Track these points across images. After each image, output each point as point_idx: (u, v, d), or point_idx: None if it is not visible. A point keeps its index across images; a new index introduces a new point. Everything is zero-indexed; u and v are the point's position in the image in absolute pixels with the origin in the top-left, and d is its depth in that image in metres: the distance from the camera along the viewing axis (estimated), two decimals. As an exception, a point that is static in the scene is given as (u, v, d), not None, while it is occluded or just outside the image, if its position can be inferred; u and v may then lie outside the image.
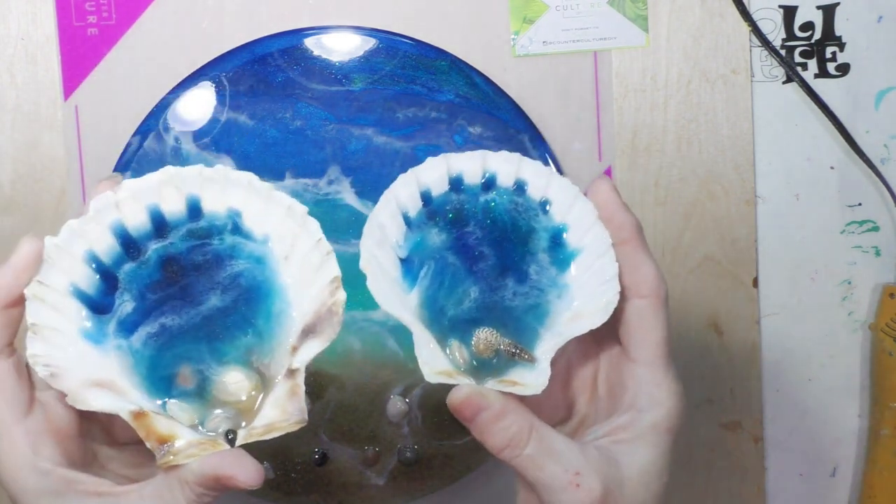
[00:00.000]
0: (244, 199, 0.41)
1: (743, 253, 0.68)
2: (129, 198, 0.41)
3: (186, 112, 0.66)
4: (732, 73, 0.67)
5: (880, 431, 0.67)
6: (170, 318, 0.42)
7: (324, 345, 0.41)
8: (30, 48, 0.67)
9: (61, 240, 0.40)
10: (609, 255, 0.44)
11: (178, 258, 0.42)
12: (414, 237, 0.46)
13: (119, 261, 0.41)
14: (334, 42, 0.66)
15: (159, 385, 0.41)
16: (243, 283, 0.42)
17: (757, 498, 0.69)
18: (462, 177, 0.46)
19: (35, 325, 0.40)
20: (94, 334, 0.41)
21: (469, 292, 0.46)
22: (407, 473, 0.67)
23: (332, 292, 0.41)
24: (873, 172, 0.67)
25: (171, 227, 0.41)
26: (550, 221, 0.46)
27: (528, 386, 0.43)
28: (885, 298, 0.67)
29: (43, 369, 0.40)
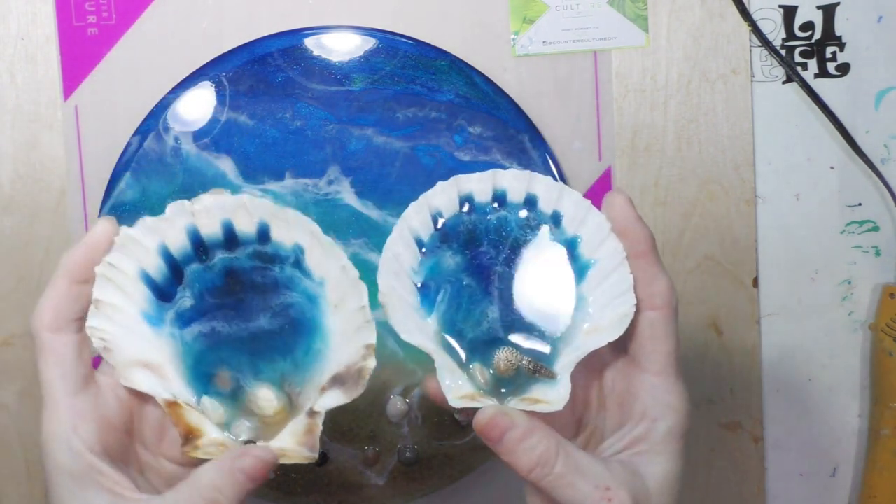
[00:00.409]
0: (309, 242, 0.44)
1: (743, 253, 0.68)
2: (203, 210, 0.43)
3: (186, 112, 0.66)
4: (732, 73, 0.67)
5: (880, 431, 0.67)
6: (221, 324, 0.45)
7: (347, 399, 0.44)
8: (30, 48, 0.67)
9: (135, 231, 0.43)
10: (623, 268, 0.45)
11: (241, 273, 0.44)
12: (428, 262, 0.46)
13: (188, 259, 0.44)
14: (334, 42, 0.66)
15: (200, 380, 0.44)
16: (293, 314, 0.44)
17: (757, 498, 0.69)
18: (472, 196, 0.46)
19: (98, 301, 0.42)
20: (154, 318, 0.44)
21: (487, 312, 0.46)
22: (407, 473, 0.67)
23: (364, 356, 0.43)
24: (873, 172, 0.67)
25: (240, 243, 0.44)
26: (563, 234, 0.46)
27: (550, 402, 0.44)
28: (885, 298, 0.67)
29: (98, 342, 0.42)
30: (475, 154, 0.66)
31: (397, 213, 0.65)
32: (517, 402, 0.44)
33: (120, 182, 0.66)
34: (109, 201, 0.66)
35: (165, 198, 0.66)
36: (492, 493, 0.69)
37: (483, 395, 0.44)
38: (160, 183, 0.66)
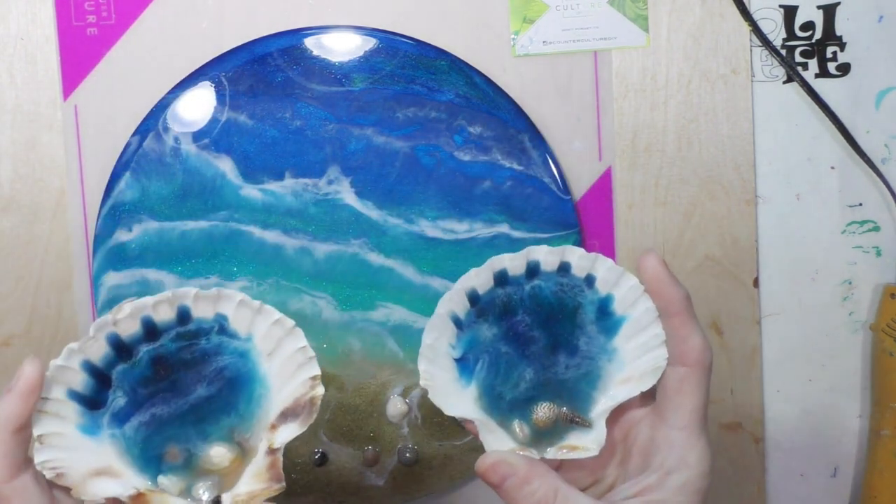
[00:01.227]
0: (234, 309, 0.46)
1: (743, 253, 0.68)
2: (126, 317, 0.46)
3: (186, 112, 0.66)
4: (733, 72, 0.67)
5: (881, 432, 0.67)
6: (159, 408, 0.47)
7: (302, 429, 0.46)
8: (29, 48, 0.67)
9: (62, 359, 0.45)
10: (657, 324, 0.47)
11: (168, 357, 0.46)
12: (466, 337, 0.48)
13: (111, 363, 0.46)
14: (334, 42, 0.66)
15: (150, 463, 0.46)
16: (227, 374, 0.47)
17: (757, 498, 0.69)
18: (506, 272, 0.48)
19: (41, 436, 0.45)
20: (90, 427, 0.46)
21: (524, 375, 0.49)
22: (407, 473, 0.67)
23: (312, 387, 0.46)
24: (874, 172, 0.67)
25: (161, 331, 0.46)
26: (596, 294, 0.48)
27: (587, 448, 0.47)
28: (886, 298, 0.67)
29: (49, 472, 0.44)
30: (475, 154, 0.66)
31: (397, 212, 0.66)
32: (555, 450, 0.47)
33: (119, 182, 0.66)
34: (109, 201, 0.66)
35: (165, 198, 0.66)
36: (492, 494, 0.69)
37: (524, 449, 0.47)
38: (160, 183, 0.66)
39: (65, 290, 0.67)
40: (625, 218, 0.68)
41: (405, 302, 0.66)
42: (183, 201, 0.66)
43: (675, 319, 0.46)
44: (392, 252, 0.66)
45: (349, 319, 0.66)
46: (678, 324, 0.46)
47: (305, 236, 0.66)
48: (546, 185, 0.66)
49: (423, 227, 0.66)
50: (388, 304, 0.66)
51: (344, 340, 0.66)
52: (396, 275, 0.66)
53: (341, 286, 0.66)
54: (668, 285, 0.46)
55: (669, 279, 0.46)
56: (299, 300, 0.66)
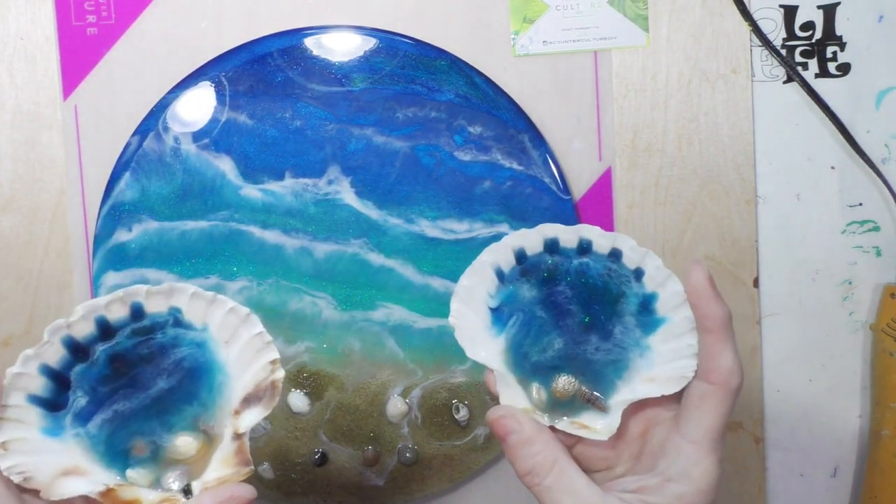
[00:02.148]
0: (187, 302, 0.47)
1: (743, 253, 0.68)
2: (78, 319, 0.46)
3: (186, 112, 0.66)
4: (733, 72, 0.67)
5: (881, 432, 0.67)
6: (121, 404, 0.48)
7: (265, 412, 0.47)
8: (29, 48, 0.67)
9: (17, 367, 0.46)
10: (692, 336, 0.47)
11: (125, 354, 0.47)
12: (506, 290, 0.49)
13: (69, 365, 0.47)
14: (334, 42, 0.66)
15: (117, 458, 0.47)
16: (186, 365, 0.48)
17: (757, 498, 0.69)
18: (558, 241, 0.49)
19: (4, 443, 0.45)
20: (53, 429, 0.47)
21: (553, 343, 0.49)
22: (407, 473, 0.67)
23: (272, 370, 0.47)
24: (874, 172, 0.67)
25: (115, 329, 0.47)
26: (642, 289, 0.49)
27: (598, 431, 0.48)
28: (886, 298, 0.67)
29: (17, 477, 0.45)
30: (475, 154, 0.66)
31: (397, 212, 0.66)
32: (567, 423, 0.48)
33: (119, 182, 0.66)
34: (109, 201, 0.66)
35: (165, 198, 0.66)
36: (491, 494, 0.69)
37: (536, 412, 0.48)
38: (160, 183, 0.66)
39: (65, 290, 0.67)
40: (625, 218, 0.68)
41: (405, 302, 0.66)
42: (183, 201, 0.66)
43: (710, 336, 0.46)
44: (392, 252, 0.66)
45: (349, 319, 0.66)
46: (713, 341, 0.46)
47: (305, 236, 0.66)
48: (546, 185, 0.66)
49: (423, 227, 0.66)
50: (388, 304, 0.66)
51: (344, 340, 0.66)
52: (396, 275, 0.66)
53: (341, 286, 0.66)
54: (710, 301, 0.46)
55: (713, 295, 0.46)
56: (299, 300, 0.66)
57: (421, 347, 0.66)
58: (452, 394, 0.66)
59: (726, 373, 0.46)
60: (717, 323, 0.46)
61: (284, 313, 0.66)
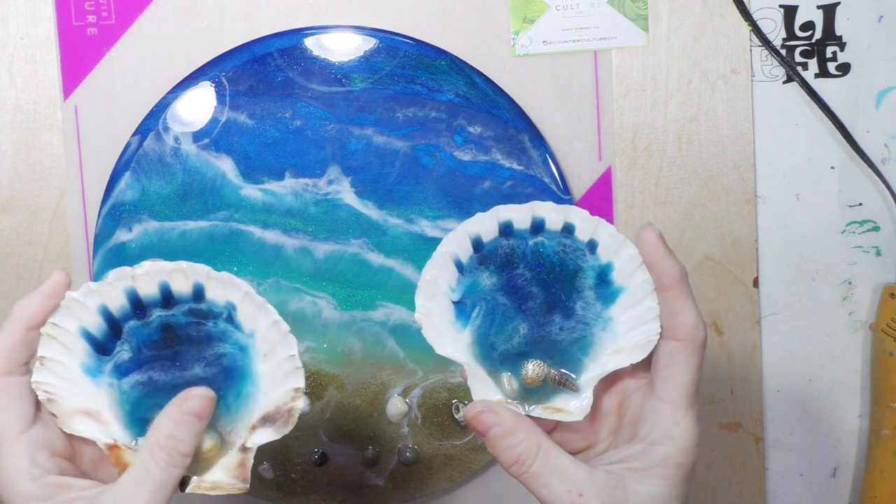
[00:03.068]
0: (241, 300, 0.48)
1: (743, 253, 0.68)
2: (143, 274, 0.47)
3: (186, 112, 0.66)
4: (733, 72, 0.67)
5: (881, 432, 0.67)
6: (158, 373, 0.49)
7: (276, 436, 0.48)
8: (29, 48, 0.67)
9: (79, 294, 0.47)
10: (652, 298, 0.47)
11: (177, 328, 0.48)
12: (466, 281, 0.49)
13: (126, 316, 0.48)
14: (334, 42, 0.66)
15: (136, 423, 0.48)
16: (225, 362, 0.49)
17: (757, 498, 0.69)
18: (512, 223, 0.49)
19: (43, 358, 0.46)
20: (93, 369, 0.48)
21: (518, 329, 0.49)
22: (407, 473, 0.67)
23: (293, 398, 0.48)
24: (874, 172, 0.67)
25: (176, 301, 0.48)
26: (597, 260, 0.49)
27: (571, 412, 0.48)
28: (886, 298, 0.67)
29: (42, 394, 0.46)
30: (475, 154, 0.66)
31: (397, 212, 0.66)
32: (541, 409, 0.48)
33: (119, 182, 0.66)
34: (109, 201, 0.66)
35: (165, 198, 0.66)
36: (491, 493, 0.69)
37: (510, 402, 0.48)
38: (160, 183, 0.66)
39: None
40: (625, 218, 0.68)
41: (405, 302, 0.66)
42: (183, 201, 0.66)
43: (669, 293, 0.46)
44: (392, 252, 0.66)
45: (349, 319, 0.66)
46: (672, 298, 0.46)
47: (305, 236, 0.66)
48: (546, 185, 0.66)
49: (423, 227, 0.66)
50: (389, 303, 0.66)
51: (344, 340, 0.66)
52: (396, 275, 0.66)
53: (341, 286, 0.66)
54: (663, 258, 0.46)
55: (666, 253, 0.47)
56: (299, 300, 0.66)
57: (421, 347, 0.66)
58: (452, 394, 0.66)
59: (690, 327, 0.46)
60: (674, 279, 0.46)
61: (285, 313, 0.66)
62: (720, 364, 0.68)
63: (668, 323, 0.47)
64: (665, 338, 0.47)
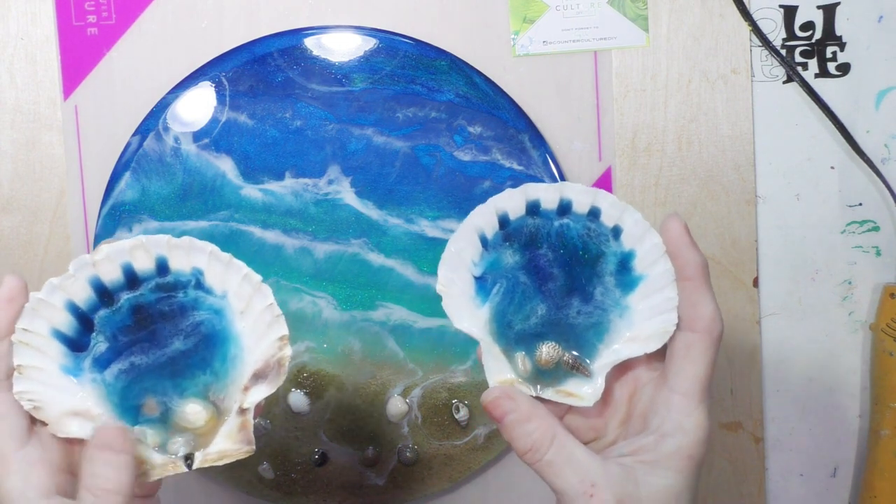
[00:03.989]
0: (207, 262, 0.47)
1: (743, 253, 0.68)
2: (104, 259, 0.47)
3: (186, 112, 0.66)
4: (733, 72, 0.67)
5: (881, 432, 0.67)
6: (138, 358, 0.48)
7: (271, 390, 0.47)
8: (29, 48, 0.67)
9: (43, 293, 0.46)
10: (671, 288, 0.47)
11: (147, 307, 0.48)
12: (489, 257, 0.49)
13: (94, 307, 0.47)
14: (334, 42, 0.66)
15: (128, 413, 0.47)
16: (203, 330, 0.48)
17: (757, 498, 0.69)
18: (539, 202, 0.49)
19: (20, 367, 0.46)
20: (73, 369, 0.47)
21: (536, 309, 0.49)
22: (407, 473, 0.67)
23: (280, 347, 0.47)
24: (874, 172, 0.67)
25: (141, 280, 0.47)
26: (620, 247, 0.48)
27: (583, 398, 0.48)
28: (886, 298, 0.67)
29: (27, 404, 0.45)
30: (475, 154, 0.66)
31: (397, 212, 0.66)
32: (552, 392, 0.48)
33: (120, 182, 0.66)
34: (109, 201, 0.66)
35: (165, 198, 0.66)
36: (491, 494, 0.69)
37: (521, 383, 0.48)
38: (160, 183, 0.66)
39: (65, 290, 0.67)
40: (625, 218, 0.68)
41: (405, 302, 0.66)
42: (183, 201, 0.66)
43: (689, 284, 0.46)
44: (392, 252, 0.66)
45: (349, 319, 0.66)
46: (692, 288, 0.46)
47: (305, 236, 0.66)
48: (546, 185, 0.66)
49: (423, 227, 0.66)
50: (389, 303, 0.66)
51: (344, 340, 0.66)
52: (396, 275, 0.66)
53: (341, 286, 0.66)
54: (686, 248, 0.47)
55: (689, 243, 0.47)
56: (299, 300, 0.66)
57: (421, 347, 0.66)
58: (452, 394, 0.66)
59: (708, 320, 0.46)
60: (695, 270, 0.46)
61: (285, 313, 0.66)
62: (720, 364, 0.68)
63: (686, 314, 0.47)
64: (682, 329, 0.47)
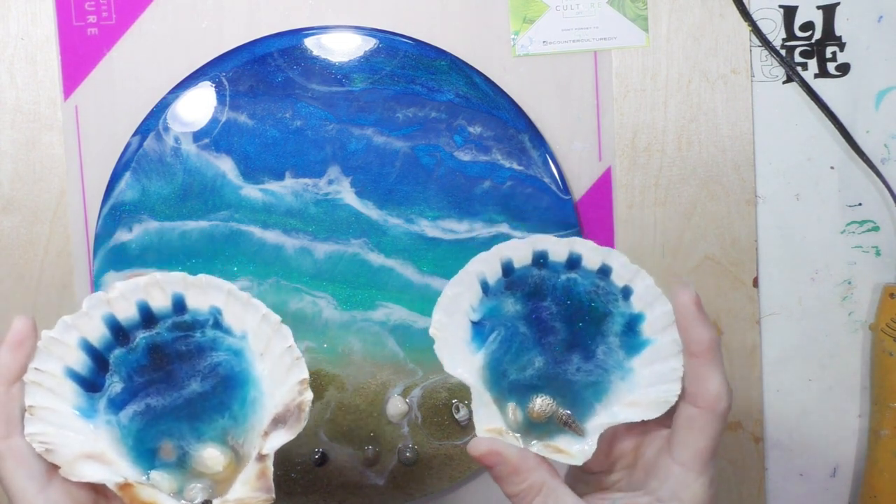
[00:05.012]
0: (225, 301, 0.46)
1: (743, 253, 0.68)
2: (119, 297, 0.45)
3: (186, 112, 0.66)
4: (732, 72, 0.67)
5: (880, 431, 0.67)
6: (154, 399, 0.47)
7: (291, 436, 0.46)
8: (29, 48, 0.67)
9: (55, 332, 0.45)
10: (677, 359, 0.47)
11: (164, 346, 0.46)
12: (489, 303, 0.48)
13: (109, 346, 0.46)
14: (334, 42, 0.66)
15: (144, 456, 0.46)
16: (222, 371, 0.47)
17: (757, 498, 0.69)
18: (547, 253, 0.48)
19: (32, 408, 0.44)
20: (87, 410, 0.45)
21: (534, 361, 0.48)
22: (407, 473, 0.67)
23: (300, 391, 0.46)
24: (873, 172, 0.67)
25: (157, 318, 0.46)
26: (629, 308, 0.48)
27: (572, 456, 0.47)
28: (886, 298, 0.67)
29: (39, 446, 0.44)
30: (475, 154, 0.66)
31: (397, 212, 0.66)
32: (541, 446, 0.47)
33: (120, 182, 0.66)
34: (109, 201, 0.66)
35: (166, 198, 0.66)
36: (492, 494, 0.69)
37: (510, 433, 0.47)
38: (160, 183, 0.66)
39: (65, 290, 0.67)
40: (625, 218, 0.68)
41: (405, 302, 0.66)
42: (183, 201, 0.66)
43: (697, 360, 0.46)
44: (392, 252, 0.66)
45: (349, 319, 0.66)
46: (699, 364, 0.46)
47: (305, 236, 0.66)
48: (546, 185, 0.66)
49: (423, 227, 0.66)
50: (389, 303, 0.66)
51: (344, 340, 0.66)
52: (396, 275, 0.66)
53: (341, 286, 0.66)
54: (697, 324, 0.46)
55: (700, 318, 0.46)
56: (299, 300, 0.66)
57: (421, 347, 0.66)
58: (452, 394, 0.66)
59: (713, 397, 0.45)
60: (703, 347, 0.46)
61: (285, 313, 0.66)
62: (720, 364, 0.68)
63: (691, 388, 0.46)
64: (686, 402, 0.46)
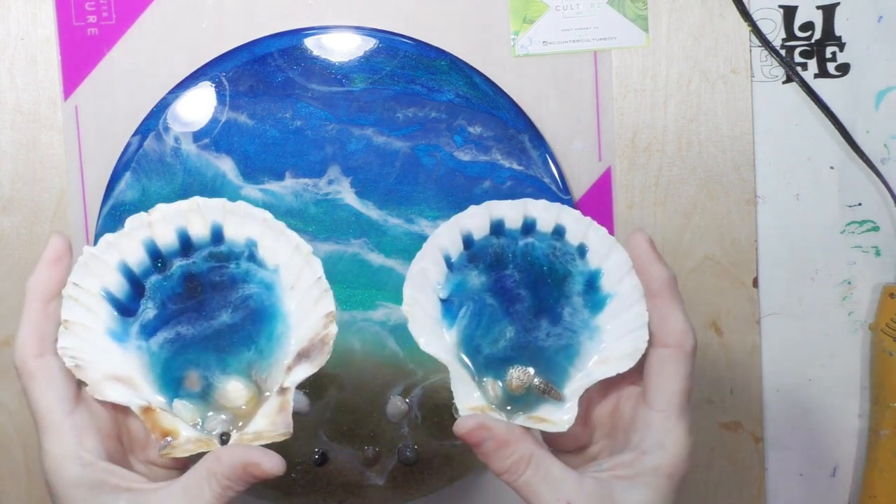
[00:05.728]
0: (260, 232, 0.46)
1: (743, 253, 0.68)
2: (160, 219, 0.46)
3: (186, 112, 0.66)
4: (732, 73, 0.67)
5: (880, 431, 0.67)
6: (185, 328, 0.47)
7: (314, 369, 0.46)
8: (30, 48, 0.67)
9: (98, 249, 0.46)
10: (640, 304, 0.47)
11: (199, 276, 0.47)
12: (455, 279, 0.48)
13: (147, 272, 0.46)
14: (334, 42, 0.66)
15: (169, 385, 0.46)
16: (252, 304, 0.47)
17: (757, 498, 0.69)
18: (503, 221, 0.48)
19: (67, 322, 0.45)
20: (119, 334, 0.46)
21: (505, 332, 0.48)
22: (407, 473, 0.67)
23: (325, 325, 0.46)
24: (873, 172, 0.67)
25: (195, 248, 0.47)
26: (587, 266, 0.48)
27: (555, 423, 0.47)
28: (885, 298, 0.67)
29: (69, 360, 0.44)
30: (475, 154, 0.66)
31: (397, 213, 0.66)
32: (524, 418, 0.47)
33: (120, 182, 0.66)
34: (109, 201, 0.66)
35: (166, 198, 0.66)
36: (491, 494, 0.69)
37: (492, 409, 0.47)
38: (160, 183, 0.66)
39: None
40: (625, 218, 0.68)
41: (405, 302, 0.66)
42: (183, 201, 0.66)
43: (657, 300, 0.46)
44: (392, 252, 0.66)
45: (349, 319, 0.66)
46: (660, 304, 0.46)
47: (306, 236, 0.66)
48: (546, 185, 0.66)
49: (423, 227, 0.66)
50: (389, 303, 0.66)
51: (344, 340, 0.66)
52: (396, 275, 0.66)
53: (341, 286, 0.66)
54: (652, 264, 0.46)
55: (655, 258, 0.46)
56: (299, 300, 0.66)
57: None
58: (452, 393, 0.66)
59: (679, 334, 0.46)
60: (662, 285, 0.46)
61: (285, 313, 0.66)
62: (720, 364, 0.68)
63: (656, 329, 0.46)
64: (654, 345, 0.46)
